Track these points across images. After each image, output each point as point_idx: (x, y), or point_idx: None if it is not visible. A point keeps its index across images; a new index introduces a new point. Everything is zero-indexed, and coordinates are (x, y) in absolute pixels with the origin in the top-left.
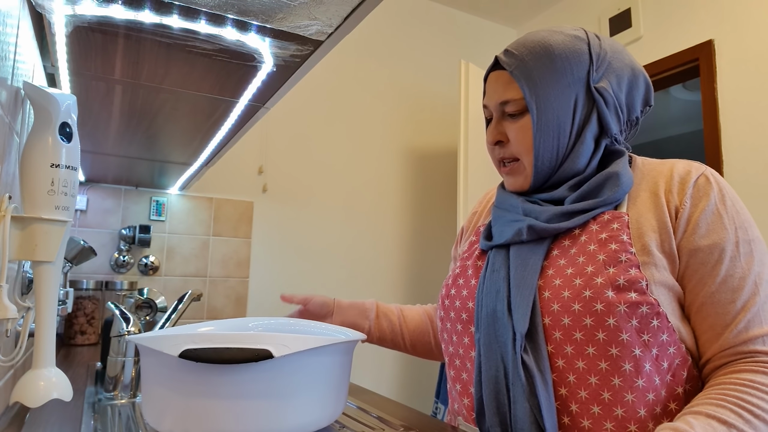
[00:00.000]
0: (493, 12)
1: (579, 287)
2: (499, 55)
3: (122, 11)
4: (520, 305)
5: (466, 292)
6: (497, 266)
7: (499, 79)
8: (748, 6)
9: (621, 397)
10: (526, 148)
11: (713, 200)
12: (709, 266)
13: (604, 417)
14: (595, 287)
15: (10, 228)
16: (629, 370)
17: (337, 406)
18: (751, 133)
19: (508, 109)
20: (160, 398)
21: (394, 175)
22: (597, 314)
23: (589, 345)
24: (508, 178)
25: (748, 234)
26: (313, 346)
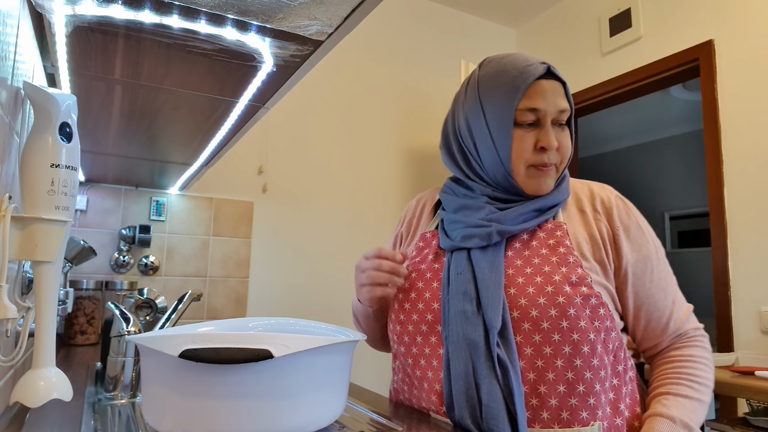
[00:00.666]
0: (493, 12)
1: (541, 284)
2: (551, 67)
3: (122, 11)
4: (492, 304)
5: (429, 294)
6: (461, 269)
7: (556, 88)
8: (748, 6)
9: (582, 375)
10: (567, 157)
11: (634, 220)
12: (644, 273)
13: (568, 394)
14: (555, 283)
15: (10, 228)
16: (587, 352)
17: (337, 406)
18: (751, 133)
19: (562, 118)
20: (160, 398)
21: (394, 175)
22: (560, 306)
23: (555, 333)
24: (541, 180)
25: (656, 240)
26: (313, 346)
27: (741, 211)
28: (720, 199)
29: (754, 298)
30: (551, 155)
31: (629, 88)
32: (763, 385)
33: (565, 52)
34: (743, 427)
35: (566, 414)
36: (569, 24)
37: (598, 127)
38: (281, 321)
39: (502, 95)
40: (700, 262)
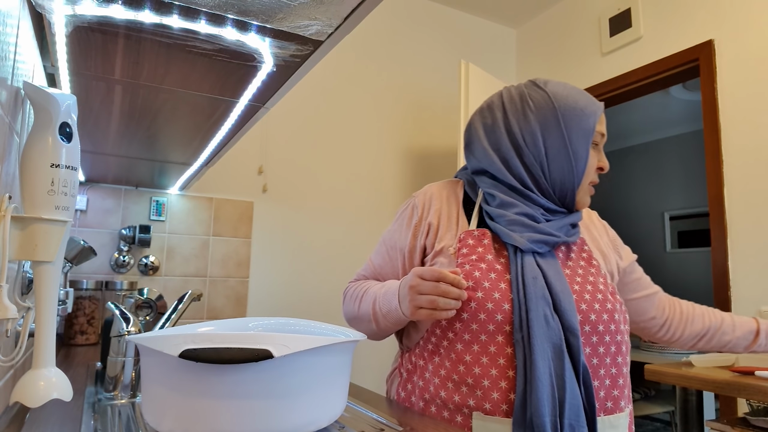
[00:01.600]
0: (493, 12)
1: (593, 291)
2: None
3: (122, 11)
4: (569, 309)
5: (498, 295)
6: (535, 273)
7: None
8: (748, 6)
9: (621, 369)
10: None
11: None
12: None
13: (612, 386)
14: (602, 291)
15: (10, 228)
16: (624, 350)
17: (337, 406)
18: (751, 133)
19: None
20: (160, 398)
21: (394, 175)
22: (609, 311)
23: (607, 334)
24: (589, 197)
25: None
26: (313, 346)
27: (741, 211)
28: (720, 199)
29: (754, 298)
30: (598, 175)
31: (629, 88)
32: (763, 385)
33: (565, 52)
34: (743, 427)
35: (610, 403)
36: (569, 24)
37: None
38: (281, 321)
39: (585, 116)
40: (700, 262)
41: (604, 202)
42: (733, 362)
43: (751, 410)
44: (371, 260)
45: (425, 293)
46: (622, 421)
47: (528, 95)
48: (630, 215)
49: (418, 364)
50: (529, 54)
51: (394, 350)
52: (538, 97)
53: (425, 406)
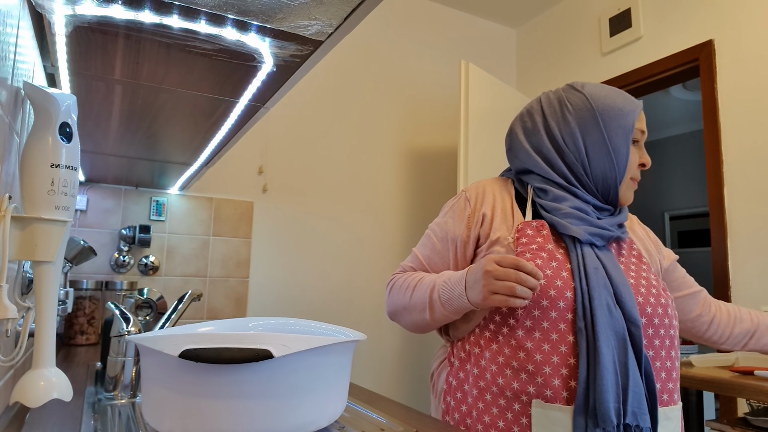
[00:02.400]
0: (493, 12)
1: (647, 286)
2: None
3: (122, 11)
4: (629, 301)
5: (561, 282)
6: (596, 264)
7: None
8: (748, 6)
9: (674, 363)
10: None
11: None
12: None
13: (667, 379)
14: (656, 287)
15: (10, 228)
16: (677, 345)
17: (337, 406)
18: (751, 133)
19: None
20: (160, 398)
21: (394, 175)
22: (664, 305)
23: (662, 328)
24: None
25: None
26: (313, 346)
27: (741, 211)
28: (720, 199)
29: (754, 298)
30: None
31: (629, 88)
32: (763, 385)
33: (565, 52)
34: (743, 427)
35: (666, 396)
36: (569, 24)
37: None
38: (281, 321)
39: (623, 114)
40: (700, 262)
41: None
42: (733, 362)
43: (751, 410)
44: (418, 253)
45: (503, 279)
46: (676, 413)
47: (566, 98)
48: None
49: (472, 352)
50: (529, 54)
51: (395, 349)
52: (576, 100)
53: (479, 394)
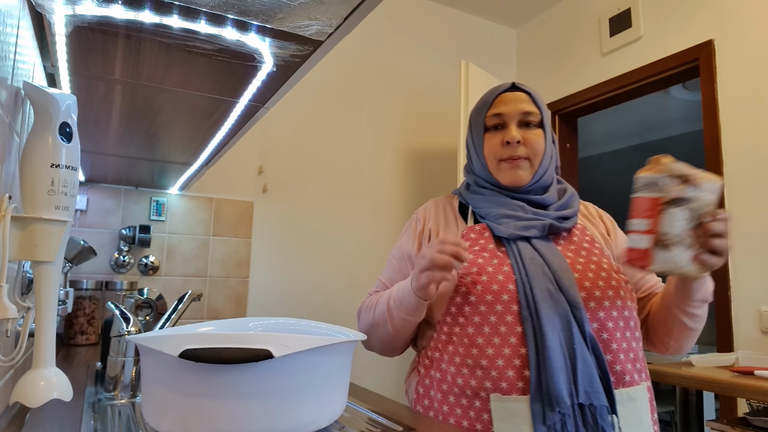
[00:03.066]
0: (493, 12)
1: (596, 270)
2: (517, 82)
3: (122, 11)
4: (570, 285)
5: (502, 277)
6: (532, 254)
7: (519, 96)
8: (748, 6)
9: (631, 344)
10: (539, 152)
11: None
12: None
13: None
14: (606, 270)
15: (10, 228)
16: (633, 325)
17: (336, 406)
18: (751, 133)
19: (530, 119)
20: (160, 398)
21: (394, 174)
22: (614, 288)
23: (614, 310)
24: (513, 171)
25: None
26: (312, 346)
27: (741, 211)
28: (720, 199)
29: (754, 298)
30: (517, 149)
31: (629, 88)
32: (763, 385)
33: (565, 52)
34: (743, 427)
35: (627, 377)
36: (569, 24)
37: (598, 127)
38: (281, 321)
39: (477, 110)
40: None
41: (605, 202)
42: (733, 362)
43: (751, 410)
44: (381, 278)
45: (425, 255)
46: (640, 393)
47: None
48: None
49: (434, 357)
50: (529, 54)
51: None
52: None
53: (443, 397)
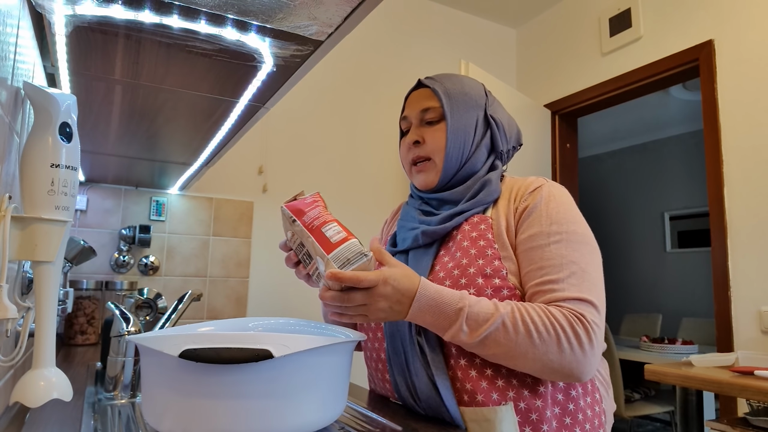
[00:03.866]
0: (493, 12)
1: (457, 276)
2: (421, 78)
3: (122, 11)
4: None
5: None
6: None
7: (421, 94)
8: (748, 6)
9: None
10: (440, 148)
11: (537, 202)
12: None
13: (479, 378)
14: (469, 275)
15: (10, 228)
16: None
17: (336, 407)
18: (751, 133)
19: (427, 116)
20: (160, 398)
21: (394, 175)
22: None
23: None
24: (420, 176)
25: (561, 227)
26: (312, 346)
27: (741, 211)
28: (720, 199)
29: (754, 298)
30: (419, 150)
31: (629, 88)
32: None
33: (565, 52)
34: (743, 427)
35: (480, 396)
36: (569, 24)
37: (598, 127)
38: (281, 321)
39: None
40: (700, 262)
41: (605, 202)
42: (733, 362)
43: (751, 410)
44: None
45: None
46: (501, 415)
47: None
48: (630, 215)
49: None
50: (529, 54)
51: None
52: None
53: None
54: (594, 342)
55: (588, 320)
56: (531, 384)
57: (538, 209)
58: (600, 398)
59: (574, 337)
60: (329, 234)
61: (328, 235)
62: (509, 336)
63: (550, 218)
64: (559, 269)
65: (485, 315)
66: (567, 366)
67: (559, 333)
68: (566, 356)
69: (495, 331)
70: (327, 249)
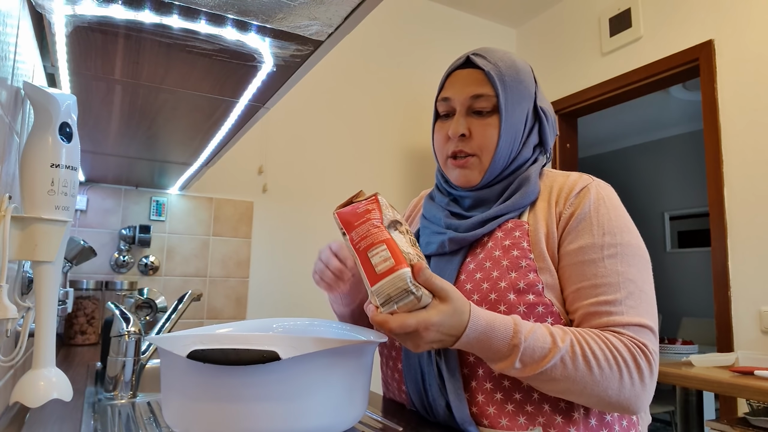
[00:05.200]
0: (493, 12)
1: (486, 291)
2: (471, 56)
3: (122, 11)
4: None
5: None
6: None
7: (471, 75)
8: (748, 6)
9: (518, 383)
10: (490, 145)
11: (586, 208)
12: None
13: (505, 401)
14: (499, 291)
15: (10, 228)
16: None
17: (353, 411)
18: (751, 133)
19: (478, 105)
20: (173, 399)
21: (394, 174)
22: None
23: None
24: (462, 171)
25: (615, 239)
26: (321, 347)
27: (741, 211)
28: (720, 199)
29: (754, 298)
30: (463, 144)
31: (629, 88)
32: (763, 385)
33: (565, 52)
34: (743, 427)
35: (505, 420)
36: (569, 24)
37: (598, 127)
38: (305, 321)
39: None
40: (700, 262)
41: None
42: (733, 362)
43: (751, 410)
44: None
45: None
46: None
47: None
48: (630, 215)
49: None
50: (529, 54)
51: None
52: None
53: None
54: (654, 372)
55: (650, 350)
56: (565, 409)
57: (588, 217)
58: (638, 420)
59: (636, 371)
60: (375, 261)
61: (374, 262)
62: (567, 373)
63: (602, 228)
64: (616, 289)
65: (542, 351)
66: (625, 400)
67: (621, 366)
68: (626, 390)
69: (552, 368)
70: (371, 279)
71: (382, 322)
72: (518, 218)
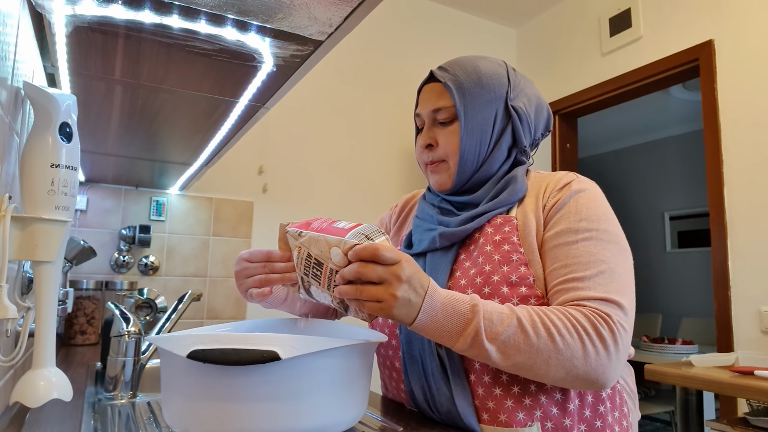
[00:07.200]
0: (493, 12)
1: (479, 285)
2: (434, 70)
3: (122, 11)
4: None
5: None
6: None
7: (432, 89)
8: (748, 6)
9: (516, 377)
10: (453, 151)
11: (567, 198)
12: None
13: (504, 397)
14: (493, 284)
15: (10, 228)
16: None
17: (352, 411)
18: (751, 133)
19: (439, 117)
20: (173, 398)
21: (394, 175)
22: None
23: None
24: (434, 176)
25: (592, 224)
26: (322, 348)
27: (741, 211)
28: (720, 199)
29: (754, 298)
30: (432, 154)
31: (629, 88)
32: (763, 385)
33: (565, 52)
34: (743, 427)
35: (504, 416)
36: (569, 24)
37: (598, 127)
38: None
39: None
40: (700, 262)
41: None
42: (733, 362)
43: (751, 410)
44: None
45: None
46: None
47: None
48: (630, 215)
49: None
50: (529, 54)
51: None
52: None
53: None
54: (620, 344)
55: (613, 321)
56: (560, 401)
57: (567, 205)
58: (627, 411)
59: (598, 340)
60: (341, 225)
61: (341, 226)
62: (530, 340)
63: (579, 214)
64: (586, 267)
65: (500, 316)
66: (592, 372)
67: (582, 335)
68: (591, 361)
69: (514, 335)
70: (343, 234)
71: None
72: (506, 214)
